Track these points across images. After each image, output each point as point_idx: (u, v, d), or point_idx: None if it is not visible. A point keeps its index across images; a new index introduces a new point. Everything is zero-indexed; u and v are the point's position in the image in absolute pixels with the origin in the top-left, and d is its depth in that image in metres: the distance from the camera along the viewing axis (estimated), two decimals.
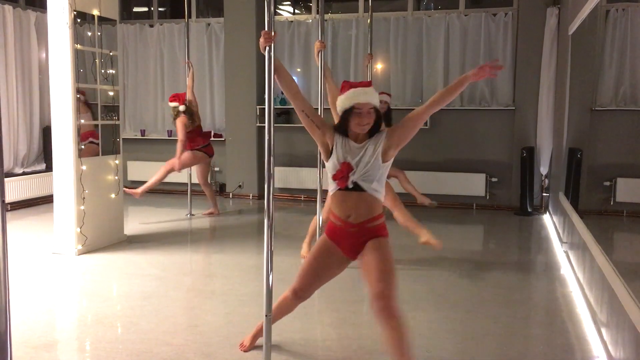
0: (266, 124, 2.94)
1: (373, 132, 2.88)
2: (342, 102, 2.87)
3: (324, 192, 5.00)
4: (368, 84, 2.91)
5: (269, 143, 2.92)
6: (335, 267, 3.02)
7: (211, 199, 7.37)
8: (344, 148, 2.86)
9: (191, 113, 6.92)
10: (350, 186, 2.82)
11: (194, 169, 7.33)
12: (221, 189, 8.90)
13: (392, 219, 5.23)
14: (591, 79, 6.26)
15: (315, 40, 4.89)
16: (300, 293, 3.05)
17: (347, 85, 2.92)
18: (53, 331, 3.67)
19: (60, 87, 5.32)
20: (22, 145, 8.04)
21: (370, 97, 2.83)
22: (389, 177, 6.59)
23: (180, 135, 6.81)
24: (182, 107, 6.86)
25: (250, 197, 8.62)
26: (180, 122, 6.82)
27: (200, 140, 7.06)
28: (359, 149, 2.85)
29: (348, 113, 2.84)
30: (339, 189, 2.87)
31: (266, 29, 2.88)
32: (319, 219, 5.02)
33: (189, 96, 7.07)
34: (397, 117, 7.98)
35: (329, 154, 2.90)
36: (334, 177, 2.85)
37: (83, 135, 5.44)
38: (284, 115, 8.49)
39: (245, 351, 3.26)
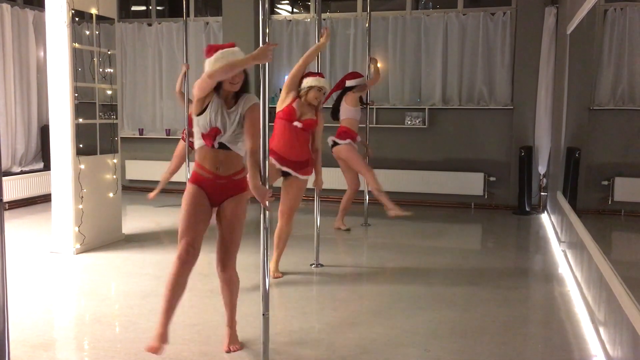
0: (260, 125, 3.00)
1: (242, 91, 3.12)
2: (213, 64, 3.02)
3: (322, 191, 5.01)
4: (231, 45, 3.11)
5: (263, 143, 2.98)
6: (207, 212, 3.21)
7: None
8: (217, 112, 3.07)
9: None
10: (217, 146, 3.09)
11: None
12: None
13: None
14: (589, 78, 6.26)
15: (315, 42, 4.92)
16: (192, 243, 3.10)
17: (213, 49, 3.08)
18: (51, 330, 3.67)
19: (59, 85, 5.31)
20: (20, 144, 8.03)
21: (239, 56, 3.04)
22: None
23: None
24: None
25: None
26: None
27: None
28: (228, 114, 3.08)
29: None
30: (205, 146, 3.12)
31: (260, 30, 2.99)
32: (317, 218, 5.02)
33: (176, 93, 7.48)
34: (396, 117, 8.06)
35: (201, 110, 3.08)
36: (203, 137, 3.10)
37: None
38: None
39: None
